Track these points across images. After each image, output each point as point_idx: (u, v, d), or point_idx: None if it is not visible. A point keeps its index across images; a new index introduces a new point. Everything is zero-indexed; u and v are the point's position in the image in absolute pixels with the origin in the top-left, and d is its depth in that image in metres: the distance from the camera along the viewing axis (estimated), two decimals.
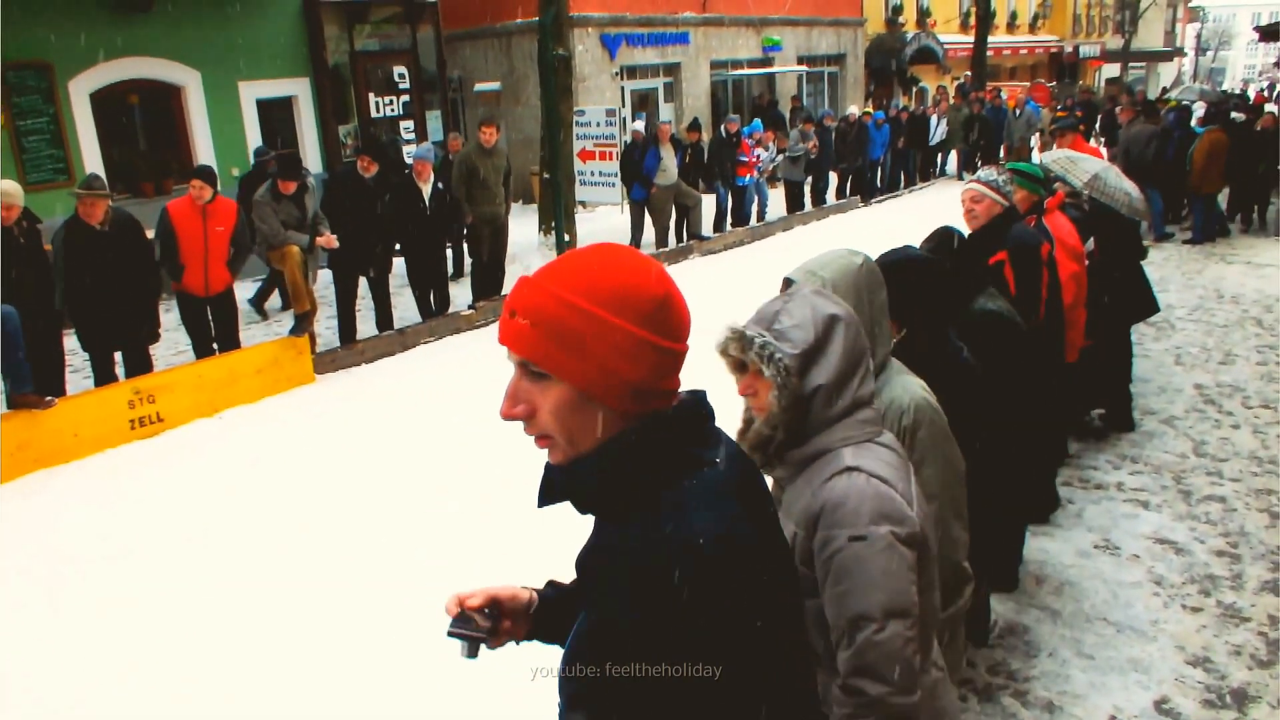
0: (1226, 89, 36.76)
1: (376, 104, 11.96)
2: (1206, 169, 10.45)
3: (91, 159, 9.29)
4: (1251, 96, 21.14)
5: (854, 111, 15.12)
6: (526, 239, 10.74)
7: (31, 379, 5.37)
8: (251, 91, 10.67)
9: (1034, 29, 31.50)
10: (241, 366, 6.49)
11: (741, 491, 1.04)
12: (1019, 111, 17.23)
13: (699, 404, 1.08)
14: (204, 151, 10.22)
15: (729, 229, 12.31)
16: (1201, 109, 14.41)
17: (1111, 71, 35.45)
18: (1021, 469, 3.29)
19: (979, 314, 3.11)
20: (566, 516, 1.10)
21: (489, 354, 1.03)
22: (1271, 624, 3.44)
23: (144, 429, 5.88)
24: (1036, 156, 15.49)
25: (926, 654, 1.61)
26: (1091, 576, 3.80)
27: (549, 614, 1.26)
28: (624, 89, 16.62)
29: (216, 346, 6.64)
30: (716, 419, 1.10)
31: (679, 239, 11.57)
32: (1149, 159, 10.12)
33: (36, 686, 3.43)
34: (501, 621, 1.23)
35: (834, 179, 14.90)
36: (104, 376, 6.08)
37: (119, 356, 6.20)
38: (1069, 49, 33.17)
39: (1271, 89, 28.13)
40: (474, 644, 1.21)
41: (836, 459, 1.55)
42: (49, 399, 5.52)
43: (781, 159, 13.49)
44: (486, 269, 8.82)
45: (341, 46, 11.52)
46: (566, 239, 9.91)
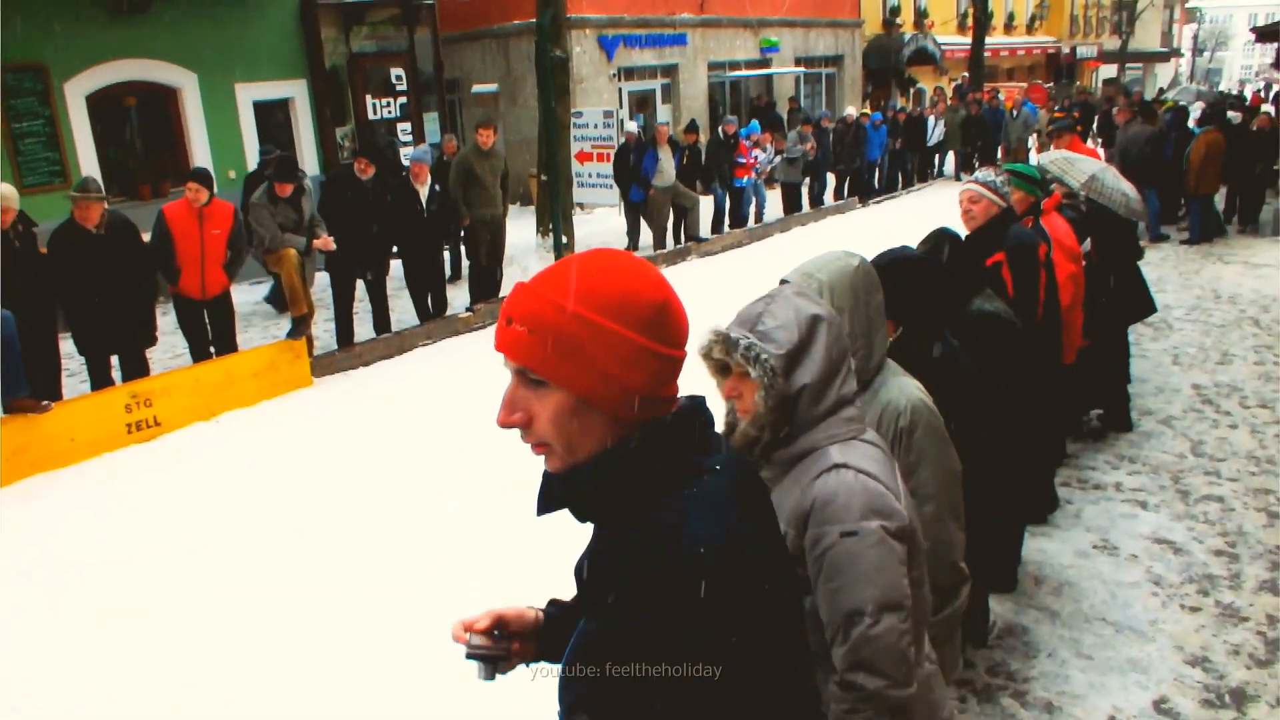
0: (1223, 89, 36.86)
1: (374, 106, 11.95)
2: (1203, 169, 10.47)
3: (87, 162, 9.27)
4: (1248, 97, 21.18)
5: (851, 113, 15.12)
6: (524, 241, 10.75)
7: (27, 383, 5.35)
8: (248, 94, 10.66)
9: (1031, 30, 31.55)
10: (239, 370, 6.48)
11: (742, 497, 1.03)
12: (1016, 112, 17.26)
13: (698, 410, 1.07)
14: (201, 154, 10.20)
15: (727, 230, 12.32)
16: (1199, 109, 14.45)
17: (1109, 72, 35.50)
18: (1020, 469, 3.29)
19: (976, 315, 3.11)
20: (566, 521, 1.10)
21: (487, 357, 1.03)
22: (1270, 623, 3.44)
23: (141, 433, 5.87)
24: (1034, 157, 15.53)
25: (919, 647, 1.61)
26: (1090, 577, 3.80)
27: (556, 633, 1.25)
28: (622, 90, 16.63)
29: (213, 350, 6.62)
30: (715, 424, 1.10)
31: (677, 240, 11.57)
32: (1147, 160, 10.14)
33: (36, 691, 3.43)
34: (511, 641, 1.23)
35: (831, 180, 14.91)
36: (100, 380, 6.07)
37: (115, 360, 6.19)
38: (1066, 50, 33.24)
39: (1268, 89, 28.19)
40: (493, 664, 1.20)
41: (824, 457, 1.56)
42: (45, 403, 5.51)
43: (779, 160, 13.50)
44: (484, 271, 8.82)
45: (339, 48, 11.52)
46: (564, 241, 9.91)
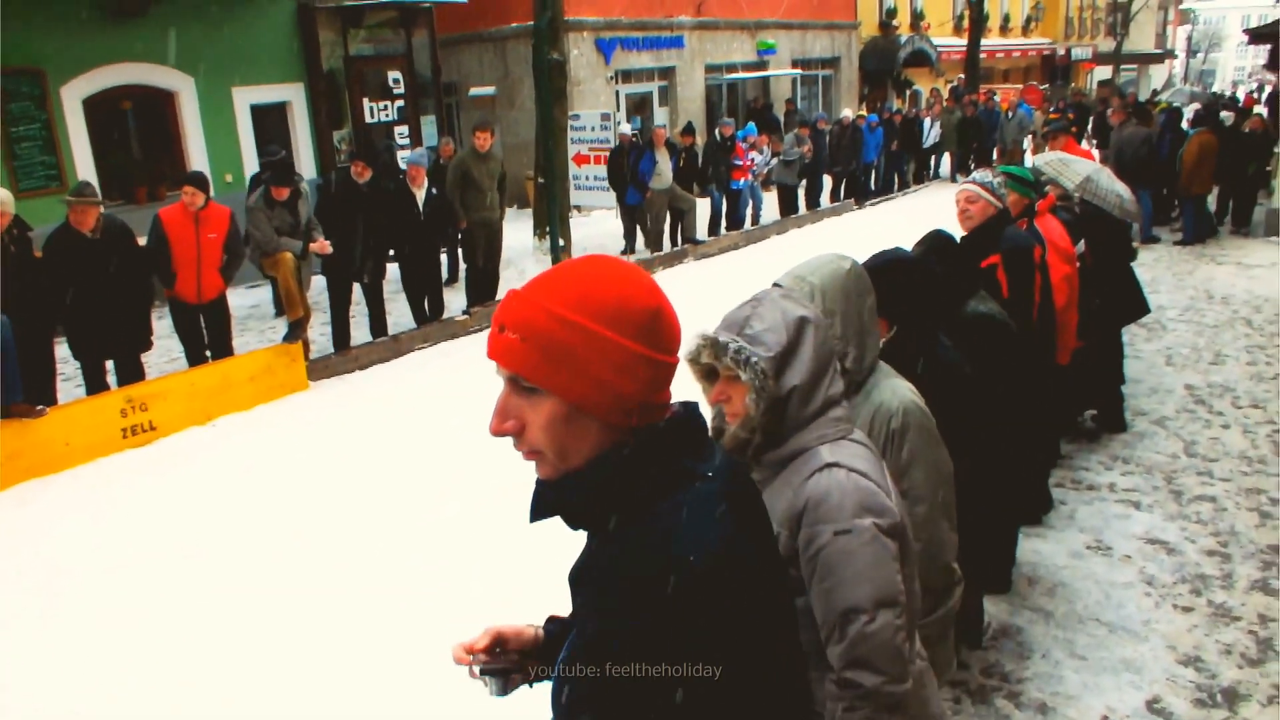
0: (1216, 91, 36.97)
1: (371, 109, 11.95)
2: (1196, 170, 10.51)
3: (84, 165, 9.27)
4: (1241, 98, 21.25)
5: (848, 114, 15.16)
6: (521, 244, 10.76)
7: (22, 388, 5.35)
8: (245, 97, 10.66)
9: (1026, 32, 31.64)
10: (235, 374, 6.48)
11: (736, 502, 1.03)
12: (1011, 114, 17.31)
13: (691, 416, 1.06)
14: (197, 157, 10.19)
15: (723, 233, 12.34)
16: (1192, 111, 14.50)
17: (1103, 74, 35.58)
18: (1014, 470, 3.31)
19: (971, 317, 3.13)
20: (563, 524, 1.10)
21: (484, 360, 1.03)
22: (1261, 622, 3.46)
23: (137, 437, 5.87)
24: (1029, 159, 15.57)
25: (912, 643, 1.63)
26: (1084, 577, 3.82)
27: (556, 650, 1.24)
28: (619, 93, 16.65)
29: (209, 354, 6.62)
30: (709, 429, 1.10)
31: (673, 243, 11.59)
32: (1142, 161, 10.17)
33: (32, 695, 3.43)
34: (515, 656, 1.23)
35: (828, 182, 14.94)
36: (95, 385, 6.07)
37: (110, 365, 6.18)
38: (1061, 52, 33.33)
39: (1260, 91, 28.28)
40: (505, 678, 1.21)
41: (815, 457, 1.57)
42: (40, 408, 5.51)
43: (776, 162, 13.52)
44: (481, 274, 8.83)
45: (336, 51, 11.51)
46: (561, 243, 9.92)
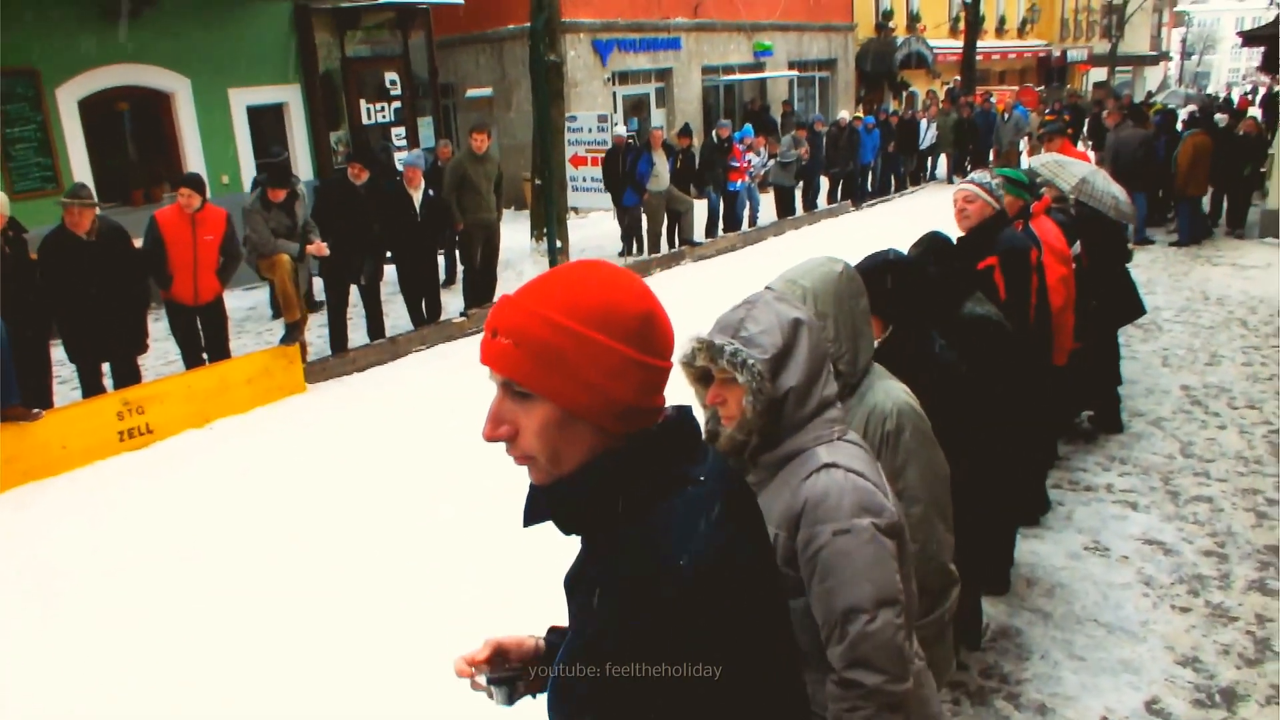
0: (1211, 92, 37.09)
1: (368, 110, 11.93)
2: (1191, 172, 10.54)
3: (80, 167, 9.24)
4: (1236, 100, 21.32)
5: (845, 116, 15.17)
6: (519, 245, 10.75)
7: (19, 391, 5.33)
8: (242, 98, 10.65)
9: (1022, 34, 31.72)
10: (232, 376, 6.47)
11: (728, 505, 1.03)
12: (1007, 115, 17.34)
13: (684, 420, 1.06)
14: (194, 159, 10.18)
15: (721, 234, 12.35)
16: (1186, 113, 14.55)
17: (1099, 75, 35.68)
18: (1012, 472, 3.31)
19: (968, 318, 3.14)
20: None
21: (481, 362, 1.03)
22: (1259, 622, 3.47)
23: (133, 440, 5.85)
24: (1025, 160, 15.59)
25: (910, 643, 1.63)
26: (1082, 578, 3.83)
27: None
28: (616, 94, 16.66)
29: (206, 356, 6.60)
30: (702, 433, 1.10)
31: (671, 244, 11.60)
32: (1139, 163, 10.19)
33: (30, 699, 3.41)
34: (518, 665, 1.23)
35: (825, 183, 14.96)
36: (92, 388, 6.04)
37: (107, 367, 6.16)
38: (1057, 53, 33.43)
39: (1254, 93, 28.39)
40: (512, 687, 1.20)
41: (812, 458, 1.57)
42: (36, 411, 5.49)
43: (773, 164, 13.54)
44: (479, 276, 8.82)
45: (333, 53, 11.50)
46: (559, 245, 9.92)
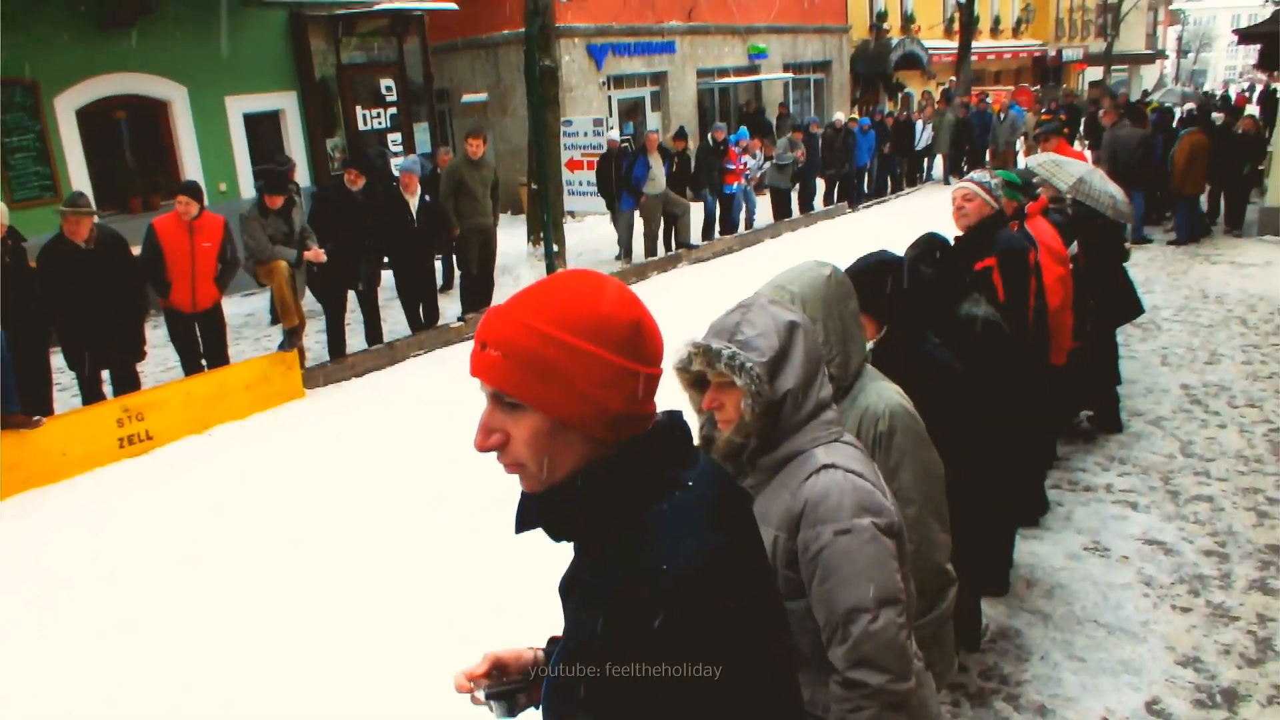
0: (1208, 90, 37.13)
1: (364, 116, 11.95)
2: (1188, 170, 10.55)
3: (78, 175, 9.25)
4: (1233, 97, 21.36)
5: (840, 118, 15.20)
6: (516, 250, 10.75)
7: (19, 399, 5.33)
8: (238, 106, 10.66)
9: (1017, 33, 31.77)
10: (230, 382, 6.47)
11: (718, 511, 1.03)
12: (1003, 116, 17.36)
13: (674, 425, 1.07)
14: (191, 167, 10.19)
15: (717, 237, 12.35)
16: (1185, 110, 14.57)
17: (1095, 74, 35.75)
18: (1011, 473, 3.31)
19: (965, 319, 3.14)
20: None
21: None
22: (1260, 622, 3.46)
23: (133, 447, 5.85)
24: (1022, 160, 15.61)
25: (910, 642, 1.63)
26: (1082, 579, 3.82)
27: None
28: (611, 98, 16.68)
29: (205, 363, 6.61)
30: (694, 438, 1.09)
31: (667, 247, 11.60)
32: (1138, 162, 10.20)
33: (30, 706, 3.41)
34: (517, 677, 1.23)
35: (821, 185, 14.97)
36: (91, 395, 6.05)
37: (106, 374, 6.16)
38: (1052, 53, 33.47)
39: (1251, 90, 28.44)
40: (511, 700, 1.21)
41: (810, 459, 1.58)
42: (36, 418, 5.49)
43: (769, 167, 13.55)
44: (476, 280, 8.82)
45: (328, 59, 11.52)
46: (555, 249, 9.92)
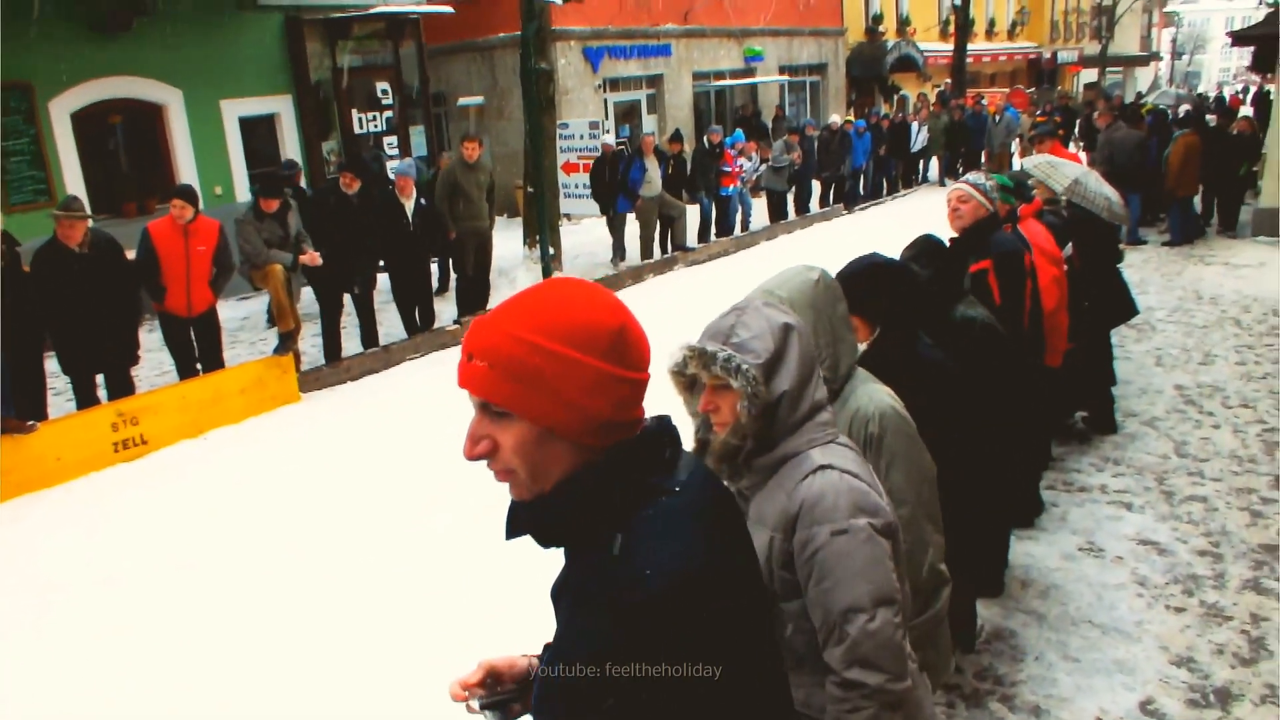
0: (1202, 92, 37.26)
1: (360, 120, 11.95)
2: (1182, 172, 10.59)
3: (73, 179, 9.25)
4: (1227, 98, 21.40)
5: (836, 120, 15.23)
6: (512, 253, 10.75)
7: (13, 403, 5.32)
8: (234, 109, 10.66)
9: (1012, 36, 31.87)
10: (226, 387, 6.46)
11: (705, 516, 1.03)
12: (999, 118, 17.41)
13: (662, 430, 1.07)
14: (186, 170, 10.19)
15: (713, 239, 12.37)
16: (1182, 111, 14.61)
17: (1089, 76, 35.82)
18: (1006, 474, 3.32)
19: (960, 321, 3.15)
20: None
21: None
22: (1254, 622, 3.47)
23: (128, 451, 5.84)
24: (1017, 162, 15.65)
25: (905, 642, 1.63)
26: (1076, 579, 3.83)
27: None
28: (607, 101, 16.70)
29: (200, 367, 6.60)
30: (682, 442, 1.09)
31: (663, 250, 11.61)
32: (1135, 165, 10.22)
33: (27, 709, 3.40)
34: (512, 686, 1.23)
35: (817, 188, 15.00)
36: (86, 399, 6.04)
37: (101, 379, 6.15)
38: (1047, 55, 33.58)
39: (1245, 92, 28.53)
40: (505, 710, 1.21)
41: (806, 460, 1.59)
42: (31, 423, 5.48)
43: (765, 169, 13.57)
44: (472, 284, 8.83)
45: (324, 63, 11.52)
46: (551, 252, 9.92)
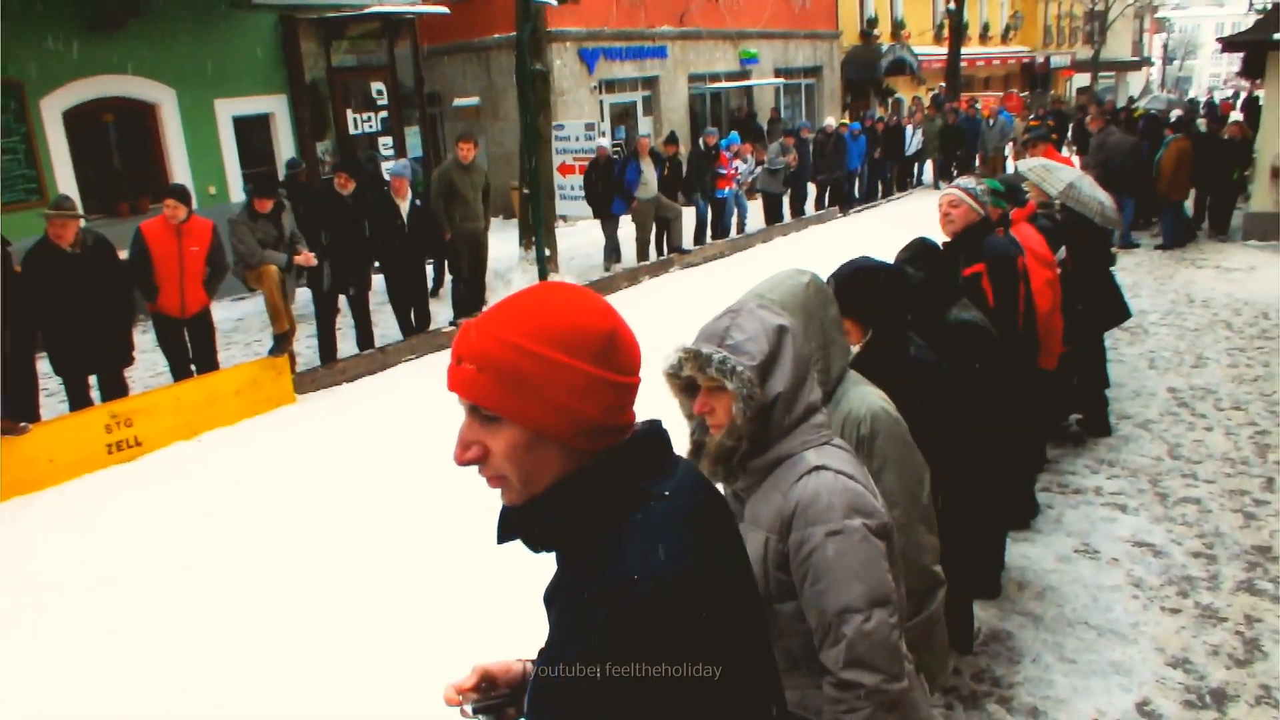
0: (1193, 97, 37.49)
1: (354, 120, 11.92)
2: (1174, 176, 10.65)
3: (65, 179, 9.20)
4: (1218, 103, 21.52)
5: (831, 123, 15.27)
6: (508, 254, 10.74)
7: (5, 405, 5.29)
8: (228, 109, 10.62)
9: (1006, 40, 32.01)
10: (220, 388, 6.43)
11: (695, 520, 1.02)
12: (993, 121, 17.49)
13: (653, 434, 1.06)
14: (180, 170, 10.14)
15: (709, 241, 12.38)
16: (1175, 116, 14.70)
17: (1082, 81, 36.02)
18: (1001, 476, 3.33)
19: (954, 324, 3.16)
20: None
21: None
22: (1248, 623, 3.49)
23: (122, 453, 5.81)
24: (1011, 165, 15.70)
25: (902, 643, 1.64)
26: (1072, 581, 3.84)
27: None
28: (602, 103, 16.70)
29: (194, 368, 6.57)
30: (674, 446, 1.09)
31: (659, 252, 11.62)
32: (1129, 170, 10.26)
33: (22, 711, 3.38)
34: (506, 690, 1.23)
35: (812, 190, 15.04)
36: (79, 400, 6.00)
37: (94, 380, 6.11)
38: (1040, 59, 33.73)
39: (1235, 96, 28.72)
40: (499, 714, 1.21)
41: (800, 461, 1.59)
42: (24, 425, 5.45)
43: (760, 171, 13.59)
44: (467, 285, 8.81)
45: (319, 63, 11.48)
46: (547, 253, 9.92)
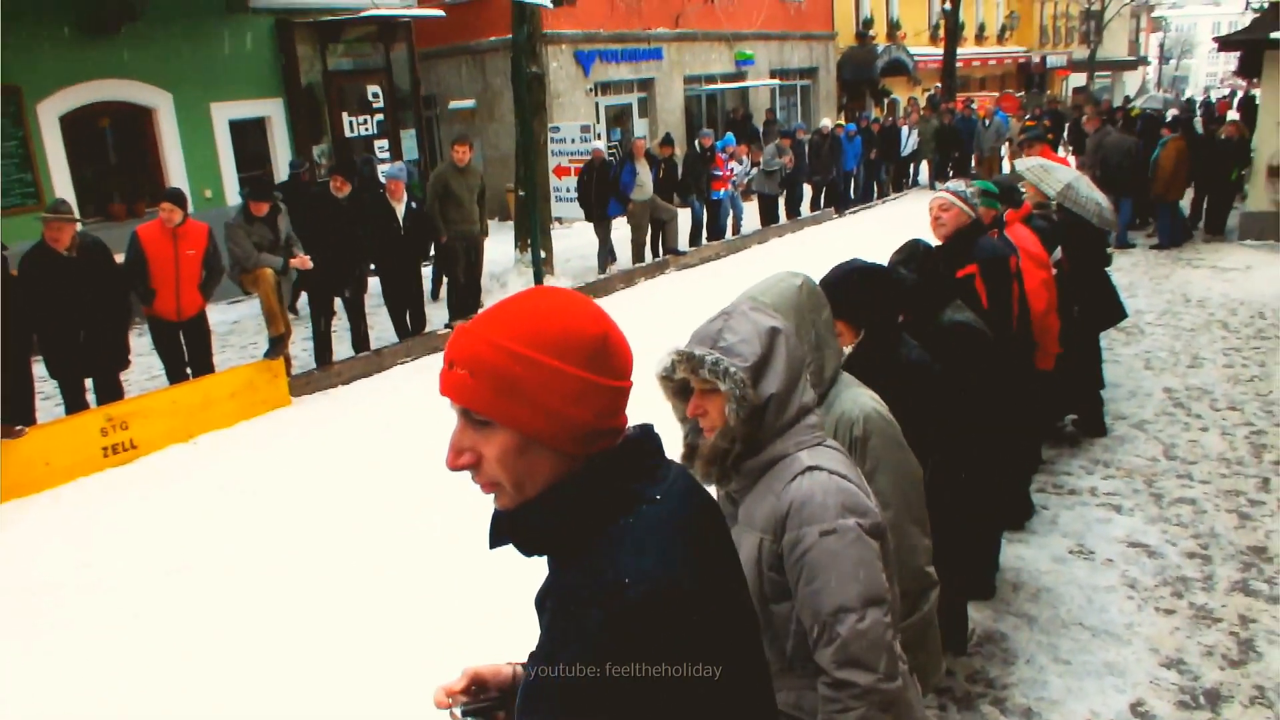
0: (1189, 96, 37.56)
1: (350, 123, 11.92)
2: (1171, 176, 10.66)
3: (61, 182, 9.20)
4: (1215, 103, 21.55)
5: (827, 124, 15.29)
6: (504, 257, 10.74)
7: (1, 408, 5.28)
8: (224, 113, 10.63)
9: (1002, 40, 32.06)
10: (216, 391, 6.43)
11: (686, 525, 1.02)
12: (989, 121, 17.50)
13: (645, 438, 1.07)
14: (176, 174, 10.14)
15: (705, 243, 12.39)
16: (1171, 115, 14.73)
17: (1078, 81, 36.11)
18: (996, 477, 3.34)
19: (948, 325, 3.16)
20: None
21: None
22: (1242, 624, 3.50)
23: (118, 456, 5.80)
24: (1007, 165, 15.74)
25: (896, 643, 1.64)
26: (1067, 582, 3.85)
27: None
28: (598, 105, 16.72)
29: (190, 371, 6.57)
30: (665, 450, 1.09)
31: (655, 254, 11.62)
32: (1126, 171, 10.28)
33: (18, 713, 3.37)
34: (497, 693, 1.23)
35: (808, 191, 15.05)
36: (74, 404, 6.00)
37: (90, 383, 6.11)
38: (1036, 59, 33.79)
39: (1233, 96, 28.78)
40: (489, 716, 1.21)
41: (794, 462, 1.60)
42: (19, 428, 5.44)
43: (756, 173, 13.60)
44: (463, 288, 8.81)
45: (314, 66, 11.48)
46: (543, 255, 9.92)
